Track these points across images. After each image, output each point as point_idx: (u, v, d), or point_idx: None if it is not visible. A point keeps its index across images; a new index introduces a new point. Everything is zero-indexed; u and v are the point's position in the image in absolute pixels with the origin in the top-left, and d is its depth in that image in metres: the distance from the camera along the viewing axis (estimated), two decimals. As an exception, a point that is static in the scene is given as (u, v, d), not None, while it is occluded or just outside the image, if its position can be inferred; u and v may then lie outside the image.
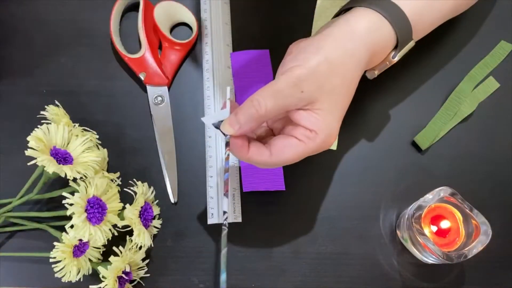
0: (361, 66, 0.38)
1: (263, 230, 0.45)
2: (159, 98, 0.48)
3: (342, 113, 0.38)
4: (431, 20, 0.43)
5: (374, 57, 0.40)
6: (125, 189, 0.43)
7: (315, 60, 0.36)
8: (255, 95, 0.35)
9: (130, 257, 0.41)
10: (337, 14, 0.42)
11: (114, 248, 0.40)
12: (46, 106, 0.42)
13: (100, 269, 0.40)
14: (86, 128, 0.43)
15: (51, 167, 0.37)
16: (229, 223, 0.45)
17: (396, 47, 0.41)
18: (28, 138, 0.38)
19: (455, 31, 0.52)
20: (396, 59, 0.41)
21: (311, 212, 0.46)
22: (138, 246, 0.41)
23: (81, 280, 0.40)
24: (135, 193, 0.42)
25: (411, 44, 0.41)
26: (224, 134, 0.36)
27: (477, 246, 0.39)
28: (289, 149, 0.36)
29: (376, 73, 0.42)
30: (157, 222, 0.44)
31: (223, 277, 0.33)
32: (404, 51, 0.41)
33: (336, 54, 0.36)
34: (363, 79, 0.41)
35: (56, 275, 0.39)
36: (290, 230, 0.45)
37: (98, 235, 0.38)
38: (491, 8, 0.53)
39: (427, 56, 0.51)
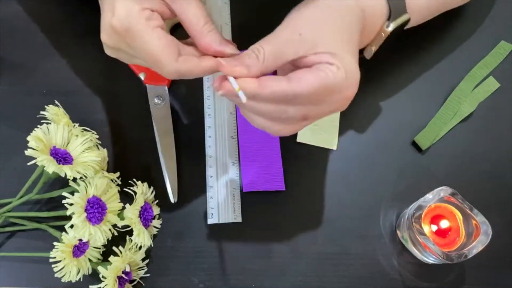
0: (357, 17, 0.37)
1: (263, 230, 0.45)
2: (159, 98, 0.48)
3: (354, 57, 0.35)
4: None
5: (367, 26, 0.39)
6: (125, 189, 0.43)
7: (312, 4, 0.35)
8: (255, 44, 0.34)
9: (130, 257, 0.41)
10: None
11: (114, 248, 0.40)
12: (46, 106, 0.42)
13: (100, 269, 0.40)
14: (86, 128, 0.43)
15: (51, 167, 0.37)
16: (229, 223, 0.45)
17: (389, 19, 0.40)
18: (28, 138, 0.38)
19: (455, 31, 0.52)
20: (390, 28, 0.40)
21: (311, 212, 0.46)
22: (138, 246, 0.42)
23: (81, 280, 0.40)
24: (135, 193, 0.42)
25: (405, 17, 0.40)
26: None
27: (477, 246, 0.39)
28: (310, 75, 0.33)
29: (373, 49, 0.41)
30: (157, 222, 0.44)
31: None
32: (398, 22, 0.40)
33: (334, 3, 0.36)
34: (363, 79, 0.41)
35: (56, 275, 0.39)
36: (290, 230, 0.45)
37: (98, 235, 0.38)
38: (491, 8, 0.53)
39: (427, 56, 0.51)
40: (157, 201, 0.45)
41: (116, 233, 0.39)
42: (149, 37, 0.33)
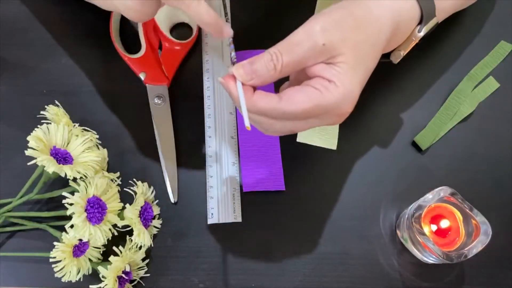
0: (385, 32, 0.36)
1: (263, 230, 0.45)
2: (159, 98, 0.48)
3: (365, 75, 0.35)
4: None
5: (398, 31, 0.38)
6: (125, 189, 0.43)
7: (339, 13, 0.34)
8: (273, 48, 0.33)
9: (130, 257, 0.41)
10: None
11: (114, 248, 0.40)
12: (46, 106, 0.42)
13: (100, 269, 0.40)
14: (86, 128, 0.43)
15: (51, 167, 0.37)
16: (229, 223, 0.45)
17: (420, 23, 0.39)
18: (28, 138, 0.38)
19: (455, 32, 0.52)
20: (422, 33, 0.39)
21: (311, 212, 0.46)
22: (138, 246, 0.41)
23: (81, 280, 0.40)
24: (135, 193, 0.42)
25: (434, 21, 0.40)
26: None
27: (477, 246, 0.39)
28: (301, 95, 0.32)
29: (402, 53, 0.41)
30: (157, 222, 0.44)
31: None
32: (428, 26, 0.39)
33: (362, 12, 0.35)
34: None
35: (56, 275, 0.39)
36: (290, 230, 0.45)
37: (98, 235, 0.38)
38: (491, 8, 0.53)
39: (427, 56, 0.51)
40: (157, 201, 0.45)
41: (116, 233, 0.39)
42: None
